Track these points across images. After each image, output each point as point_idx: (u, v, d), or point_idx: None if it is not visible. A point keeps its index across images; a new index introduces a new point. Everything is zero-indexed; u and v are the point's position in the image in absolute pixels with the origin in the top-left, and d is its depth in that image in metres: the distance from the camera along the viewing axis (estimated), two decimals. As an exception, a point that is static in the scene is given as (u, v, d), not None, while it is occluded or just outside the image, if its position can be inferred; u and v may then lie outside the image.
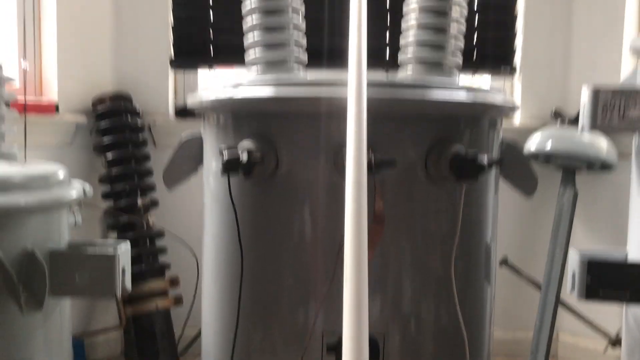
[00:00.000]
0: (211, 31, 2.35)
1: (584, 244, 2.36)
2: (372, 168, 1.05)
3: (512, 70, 2.40)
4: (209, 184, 1.35)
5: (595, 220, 2.39)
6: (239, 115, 1.24)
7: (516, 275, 2.27)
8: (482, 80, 2.48)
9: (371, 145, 1.13)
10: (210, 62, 2.36)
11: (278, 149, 1.16)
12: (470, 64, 2.34)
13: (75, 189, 1.59)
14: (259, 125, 1.19)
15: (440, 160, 1.13)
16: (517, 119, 2.41)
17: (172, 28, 2.36)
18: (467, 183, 1.14)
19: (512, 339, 2.44)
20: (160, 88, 2.38)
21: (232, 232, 1.21)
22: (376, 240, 1.09)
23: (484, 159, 1.09)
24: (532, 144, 2.20)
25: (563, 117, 2.24)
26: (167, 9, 2.34)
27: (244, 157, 1.07)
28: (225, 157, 1.08)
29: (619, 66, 2.27)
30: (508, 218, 2.32)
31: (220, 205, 1.28)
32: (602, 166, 2.20)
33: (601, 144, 2.15)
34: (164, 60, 2.37)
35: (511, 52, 2.41)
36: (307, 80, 1.19)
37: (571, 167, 2.20)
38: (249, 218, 1.23)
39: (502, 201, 1.48)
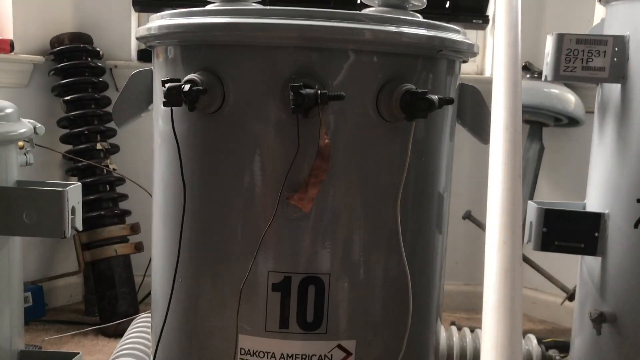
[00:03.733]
0: (177, -28, 2.27)
1: (550, 199, 2.36)
2: (318, 102, 1.01)
3: (485, 22, 2.36)
4: (158, 124, 1.30)
5: (561, 175, 2.38)
6: (187, 46, 1.19)
7: (480, 229, 2.27)
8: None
9: (321, 80, 1.09)
10: (174, 4, 2.29)
11: (224, 83, 1.11)
12: (443, 15, 2.29)
13: (24, 126, 1.53)
14: (207, 58, 1.14)
15: (392, 99, 1.09)
16: (488, 72, 2.38)
17: (136, -33, 2.27)
18: (416, 121, 1.11)
19: (474, 292, 2.46)
20: (123, 30, 2.30)
21: (179, 171, 1.17)
22: (322, 178, 1.06)
23: (434, 96, 1.06)
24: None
25: (533, 71, 2.21)
26: (132, -53, 2.25)
27: (186, 87, 1.03)
28: (167, 87, 1.04)
29: (592, 20, 2.24)
30: (474, 173, 2.31)
31: (168, 145, 1.23)
32: (569, 121, 2.18)
33: (569, 98, 2.13)
34: (127, 1, 2.28)
35: (485, 3, 2.36)
36: (257, 9, 1.14)
37: (538, 121, 2.18)
38: (196, 157, 1.19)
39: (469, 156, 1.45)
